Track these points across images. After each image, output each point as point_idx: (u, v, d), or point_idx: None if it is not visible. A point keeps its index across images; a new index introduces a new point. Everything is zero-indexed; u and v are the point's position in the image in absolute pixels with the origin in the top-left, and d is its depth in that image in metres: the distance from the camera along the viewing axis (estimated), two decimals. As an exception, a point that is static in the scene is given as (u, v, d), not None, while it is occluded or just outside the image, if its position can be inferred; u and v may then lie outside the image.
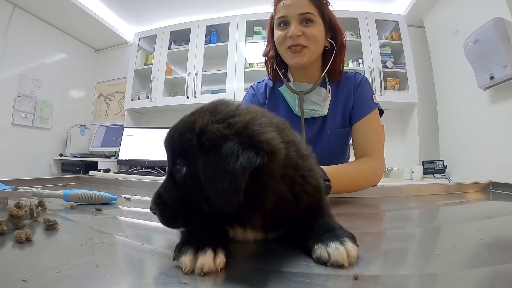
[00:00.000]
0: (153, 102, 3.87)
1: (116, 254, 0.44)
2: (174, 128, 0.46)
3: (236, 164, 0.35)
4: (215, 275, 0.34)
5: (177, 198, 0.44)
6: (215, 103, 0.46)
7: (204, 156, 0.39)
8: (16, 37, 3.48)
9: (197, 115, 0.44)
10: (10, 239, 0.47)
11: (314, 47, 1.18)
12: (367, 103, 1.25)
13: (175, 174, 0.45)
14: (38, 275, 0.33)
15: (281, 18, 1.18)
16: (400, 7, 3.59)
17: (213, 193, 0.37)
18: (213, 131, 0.39)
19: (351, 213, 0.82)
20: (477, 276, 0.35)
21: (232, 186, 0.35)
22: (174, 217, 0.45)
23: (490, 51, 2.32)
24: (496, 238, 0.53)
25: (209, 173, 0.37)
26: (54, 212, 0.70)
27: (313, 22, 1.15)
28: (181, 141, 0.43)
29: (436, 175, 3.08)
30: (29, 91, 3.68)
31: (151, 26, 4.18)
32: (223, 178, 0.36)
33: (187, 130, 0.42)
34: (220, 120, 0.41)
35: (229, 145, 0.37)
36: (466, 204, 0.99)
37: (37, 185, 0.91)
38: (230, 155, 0.36)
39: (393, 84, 3.44)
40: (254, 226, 0.45)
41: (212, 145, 0.38)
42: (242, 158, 0.36)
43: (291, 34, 1.13)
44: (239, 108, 0.45)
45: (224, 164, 0.36)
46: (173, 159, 0.45)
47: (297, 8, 1.14)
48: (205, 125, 0.41)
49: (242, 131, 0.39)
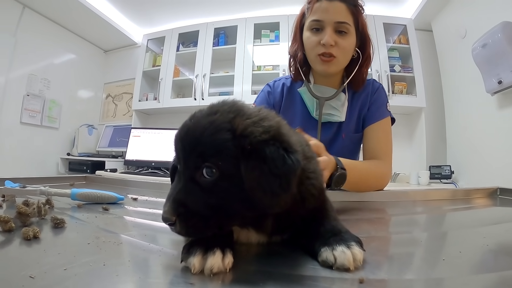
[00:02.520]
0: (160, 103, 3.89)
1: (123, 253, 0.44)
2: (197, 127, 0.42)
3: (285, 167, 0.38)
4: (222, 276, 0.35)
5: (207, 204, 0.40)
6: (232, 103, 0.45)
7: (245, 160, 0.39)
8: (26, 37, 3.52)
9: (225, 115, 0.42)
10: (18, 236, 0.47)
11: (343, 58, 1.17)
12: (382, 109, 1.25)
13: (199, 178, 0.41)
14: (45, 272, 0.34)
15: (315, 22, 1.14)
16: (408, 11, 3.57)
17: (261, 195, 0.38)
18: (255, 135, 0.40)
19: (357, 218, 0.81)
20: (483, 282, 0.35)
21: (282, 188, 0.38)
22: (204, 226, 0.40)
23: (499, 55, 2.30)
24: (502, 244, 0.53)
25: (255, 176, 0.38)
26: (61, 211, 0.71)
27: (347, 33, 1.13)
28: (216, 142, 0.40)
29: (443, 180, 3.05)
30: (38, 91, 3.72)
31: (160, 28, 4.21)
32: (271, 181, 0.38)
33: (221, 131, 0.40)
34: (256, 124, 0.41)
35: (272, 150, 0.39)
36: (473, 210, 0.98)
37: (45, 184, 0.92)
38: (276, 159, 0.38)
39: (400, 88, 3.42)
40: (264, 228, 0.46)
41: (254, 149, 0.39)
42: (289, 161, 0.39)
43: (325, 42, 1.10)
44: (261, 111, 0.45)
45: (271, 168, 0.38)
46: (200, 161, 0.40)
47: (335, 15, 1.11)
48: (245, 128, 0.40)
49: (277, 136, 0.41)
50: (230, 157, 0.39)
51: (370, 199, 1.08)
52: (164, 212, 0.40)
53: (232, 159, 0.39)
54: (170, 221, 0.39)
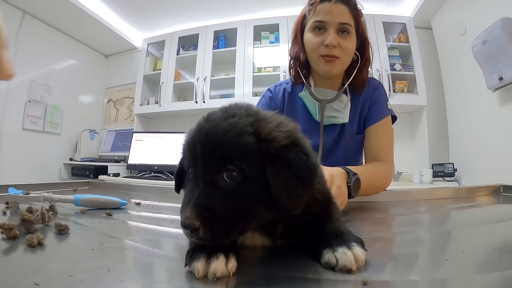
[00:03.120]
0: (162, 107, 3.90)
1: (127, 258, 0.44)
2: (218, 129, 0.40)
3: (307, 170, 0.41)
4: (225, 281, 0.35)
5: (232, 208, 0.39)
6: (247, 106, 0.46)
7: (271, 164, 0.40)
8: (26, 44, 3.53)
9: (245, 118, 0.42)
10: (22, 243, 0.47)
11: (346, 59, 1.17)
12: (382, 108, 1.25)
13: (219, 182, 0.40)
14: (50, 279, 0.34)
15: (318, 23, 1.14)
16: (407, 9, 3.57)
17: (286, 198, 0.39)
18: (278, 139, 0.41)
19: (360, 218, 0.81)
20: (487, 281, 0.35)
21: (305, 189, 0.41)
22: (228, 230, 0.39)
23: (499, 52, 2.30)
24: (506, 243, 0.53)
25: (280, 180, 0.39)
26: (65, 217, 0.71)
27: (349, 34, 1.14)
28: (240, 145, 0.39)
29: (446, 178, 3.04)
30: (39, 97, 3.73)
31: (160, 32, 4.22)
32: (295, 184, 0.40)
33: (244, 133, 0.40)
34: (277, 129, 0.42)
35: (294, 154, 0.41)
36: (476, 208, 0.98)
37: (48, 190, 0.92)
38: (299, 163, 0.40)
39: (401, 87, 3.41)
40: (276, 232, 0.47)
41: (277, 153, 0.40)
42: (310, 165, 0.41)
43: (329, 42, 1.10)
44: (276, 115, 0.47)
45: (294, 171, 0.40)
46: (222, 164, 0.39)
47: (338, 16, 1.11)
48: (269, 133, 0.41)
49: (296, 141, 0.43)
50: (254, 161, 0.40)
51: (373, 199, 1.08)
52: (186, 218, 0.37)
53: (256, 163, 0.40)
54: (193, 227, 0.37)
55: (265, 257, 0.45)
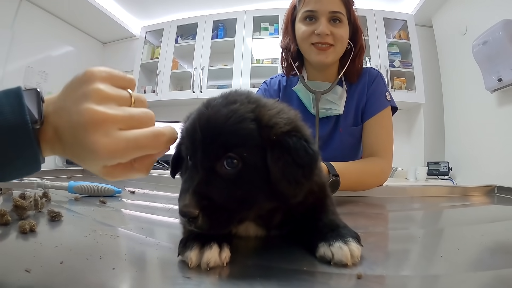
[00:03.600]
0: (159, 96, 3.88)
1: (120, 246, 0.44)
2: (219, 116, 0.40)
3: (307, 157, 0.40)
4: (219, 270, 0.35)
5: (232, 196, 0.38)
6: (248, 93, 0.45)
7: (271, 151, 0.39)
8: (23, 30, 3.48)
9: (246, 105, 0.41)
10: (14, 230, 0.47)
11: (340, 47, 1.15)
12: (380, 100, 1.23)
13: (219, 169, 0.39)
14: (42, 265, 0.34)
15: (309, 12, 1.13)
16: (409, 6, 3.55)
17: (286, 185, 0.39)
18: (280, 125, 0.40)
19: (355, 213, 0.81)
20: (480, 279, 0.35)
21: (305, 177, 0.40)
22: (227, 219, 0.39)
23: (499, 53, 2.30)
24: (500, 242, 0.53)
25: (279, 167, 0.38)
26: (58, 204, 0.71)
27: (341, 22, 1.13)
28: (241, 132, 0.39)
29: (440, 177, 3.06)
30: (35, 83, 3.68)
31: (158, 20, 4.18)
32: (295, 171, 0.39)
33: (245, 120, 0.39)
34: (278, 115, 0.41)
35: (295, 141, 0.40)
36: (471, 207, 0.99)
37: (42, 177, 0.91)
38: (299, 150, 0.39)
39: (400, 84, 3.42)
40: (273, 222, 0.46)
41: (278, 140, 0.39)
42: (311, 152, 0.40)
43: (320, 32, 1.09)
44: (276, 103, 0.46)
45: (295, 158, 0.39)
46: (222, 151, 0.38)
47: (329, 5, 1.10)
48: (270, 119, 0.40)
49: (297, 128, 0.42)
50: (255, 148, 0.39)
51: (368, 195, 1.08)
52: (184, 206, 0.36)
53: (257, 150, 0.39)
54: (192, 215, 0.36)
55: (259, 248, 0.45)
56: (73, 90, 0.37)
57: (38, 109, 0.36)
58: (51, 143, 0.37)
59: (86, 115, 0.34)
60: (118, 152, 0.35)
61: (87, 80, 0.37)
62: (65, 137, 0.36)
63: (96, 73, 0.37)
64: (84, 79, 0.37)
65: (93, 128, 0.34)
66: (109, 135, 0.35)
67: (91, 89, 0.36)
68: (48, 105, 0.37)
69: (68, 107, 0.36)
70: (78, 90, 0.36)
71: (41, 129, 0.36)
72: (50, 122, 0.36)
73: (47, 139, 0.37)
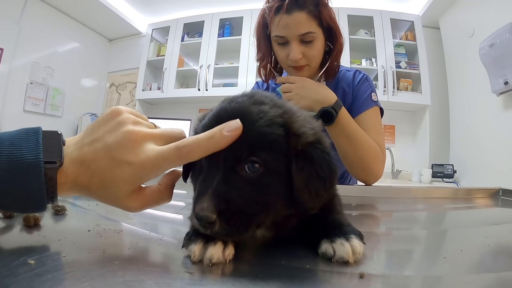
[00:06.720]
0: (164, 93, 3.90)
1: (123, 241, 0.44)
2: (248, 115, 0.38)
3: (329, 171, 0.40)
4: (222, 267, 0.34)
5: (253, 201, 0.36)
6: (272, 95, 0.44)
7: (295, 160, 0.38)
8: (30, 25, 3.51)
9: (274, 108, 0.40)
10: (18, 223, 0.47)
11: (314, 64, 1.19)
12: (365, 100, 1.25)
13: (239, 171, 0.37)
14: (45, 258, 0.34)
15: (279, 38, 1.14)
16: (416, 7, 3.54)
17: (307, 196, 0.38)
18: (307, 135, 0.39)
19: (358, 212, 0.81)
20: (483, 281, 0.35)
21: (325, 190, 0.40)
22: (246, 225, 0.36)
23: (506, 56, 2.28)
24: (503, 245, 0.53)
25: (303, 177, 0.38)
26: (62, 198, 0.71)
27: (313, 41, 1.13)
28: (269, 136, 0.37)
29: (445, 179, 3.05)
30: (41, 79, 3.72)
31: (165, 17, 4.19)
32: (317, 183, 0.39)
33: (274, 124, 0.38)
34: (305, 124, 0.41)
35: (318, 153, 0.39)
36: (474, 209, 0.98)
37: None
38: (322, 163, 0.39)
39: (406, 85, 3.40)
40: (285, 228, 0.45)
41: (303, 150, 0.39)
42: (333, 165, 0.40)
43: (292, 58, 1.12)
44: (299, 109, 0.45)
45: (317, 170, 0.39)
46: (246, 153, 0.37)
47: (296, 28, 1.10)
48: (299, 128, 0.40)
49: (320, 139, 0.41)
50: (279, 154, 0.38)
51: (371, 195, 1.08)
52: (202, 210, 0.34)
53: (280, 157, 0.38)
54: (209, 221, 0.34)
55: (262, 246, 0.45)
56: (102, 125, 0.40)
57: (59, 150, 0.37)
58: (72, 177, 0.37)
59: (126, 134, 0.38)
60: (151, 164, 0.38)
61: (117, 113, 0.41)
62: (96, 165, 0.37)
63: (121, 108, 0.42)
64: (113, 114, 0.41)
65: (133, 145, 0.38)
66: (145, 151, 0.38)
67: (124, 117, 0.40)
68: (69, 146, 0.39)
69: (101, 136, 0.39)
70: (110, 122, 0.40)
71: (61, 169, 0.36)
72: (74, 157, 0.38)
73: (67, 176, 0.37)
